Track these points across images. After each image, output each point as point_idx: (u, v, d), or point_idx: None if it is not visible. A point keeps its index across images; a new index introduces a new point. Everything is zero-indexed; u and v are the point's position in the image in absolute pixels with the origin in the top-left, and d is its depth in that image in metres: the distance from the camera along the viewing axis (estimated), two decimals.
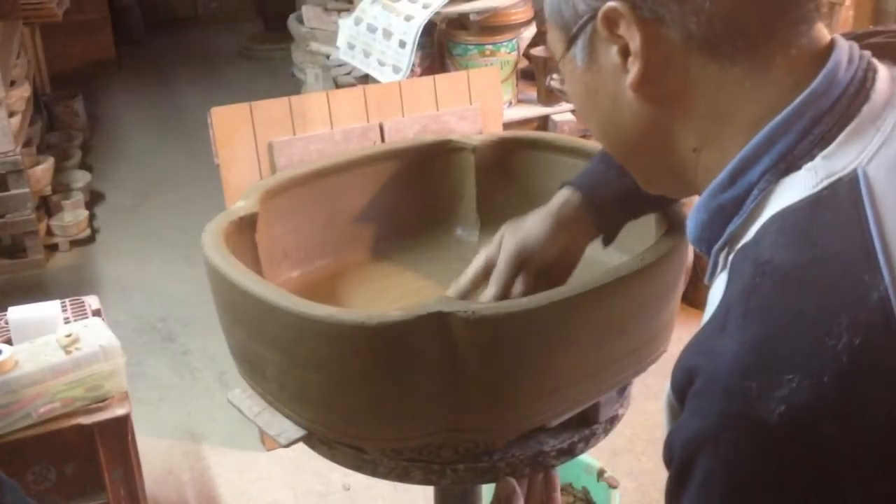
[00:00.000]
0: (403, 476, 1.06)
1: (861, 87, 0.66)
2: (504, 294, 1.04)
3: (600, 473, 2.09)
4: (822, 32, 0.69)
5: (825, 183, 0.63)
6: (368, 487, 2.35)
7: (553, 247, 1.05)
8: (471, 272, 1.08)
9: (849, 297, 0.58)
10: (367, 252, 1.38)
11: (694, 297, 3.13)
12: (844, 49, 0.68)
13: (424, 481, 1.07)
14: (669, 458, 0.66)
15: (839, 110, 0.65)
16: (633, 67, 0.70)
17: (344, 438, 1.06)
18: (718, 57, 0.67)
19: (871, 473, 0.56)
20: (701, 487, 0.61)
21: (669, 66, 0.69)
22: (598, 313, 1.00)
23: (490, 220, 1.39)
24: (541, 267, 1.05)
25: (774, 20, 0.66)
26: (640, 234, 1.15)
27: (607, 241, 1.11)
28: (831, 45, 0.68)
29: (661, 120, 0.72)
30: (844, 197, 0.62)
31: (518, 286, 1.04)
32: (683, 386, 0.64)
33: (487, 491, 1.22)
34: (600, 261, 1.18)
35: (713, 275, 0.73)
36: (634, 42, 0.69)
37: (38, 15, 4.47)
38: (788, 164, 0.65)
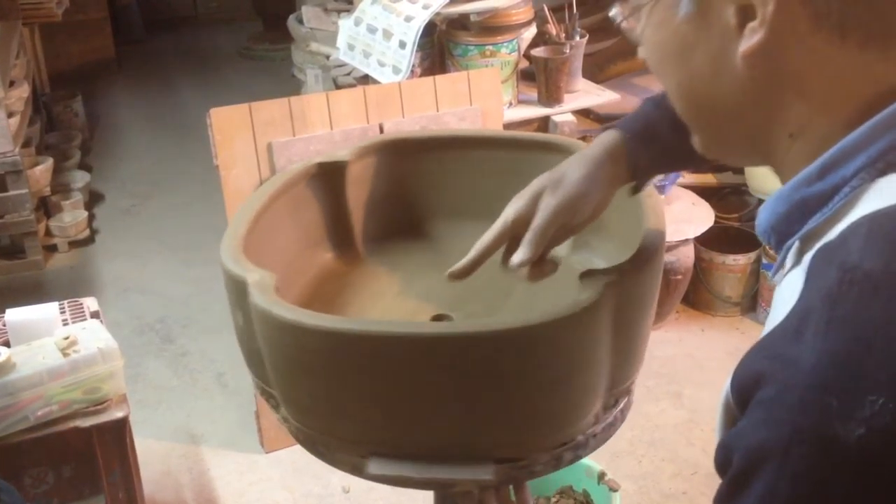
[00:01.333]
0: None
1: None
2: (540, 257, 1.03)
3: (601, 476, 2.08)
4: None
5: None
6: (368, 490, 2.34)
7: (591, 205, 1.03)
8: (498, 227, 1.05)
9: None
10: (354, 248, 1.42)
11: (695, 299, 3.13)
12: None
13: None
14: (725, 463, 0.60)
15: None
16: (754, 35, 0.63)
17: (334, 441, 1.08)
18: (848, 41, 0.62)
19: None
20: (759, 500, 0.57)
21: (794, 41, 0.62)
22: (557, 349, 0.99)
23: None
24: (578, 226, 1.03)
25: None
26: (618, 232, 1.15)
27: (636, 191, 1.09)
28: None
29: (765, 96, 0.66)
30: None
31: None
32: (748, 389, 0.59)
33: None
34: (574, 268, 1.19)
35: (779, 271, 0.69)
36: (766, 8, 0.62)
37: (37, 15, 4.46)
38: (887, 163, 0.60)
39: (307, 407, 1.07)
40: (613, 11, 0.76)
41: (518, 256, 1.02)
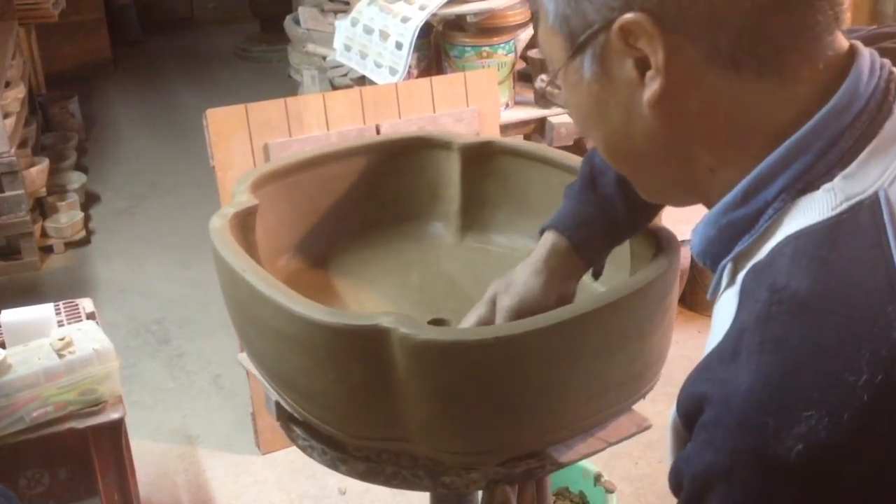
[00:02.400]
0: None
1: (883, 101, 0.63)
2: None
3: (597, 478, 2.08)
4: (841, 41, 0.65)
5: (845, 206, 0.60)
6: (364, 492, 2.34)
7: (550, 298, 1.05)
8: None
9: (870, 330, 0.55)
10: (342, 245, 1.40)
11: (692, 300, 3.13)
12: (866, 59, 0.65)
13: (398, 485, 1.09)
14: (677, 488, 0.63)
15: (860, 127, 0.62)
16: (653, 83, 0.65)
17: (319, 425, 1.09)
18: (744, 73, 0.63)
19: None
20: None
21: (692, 82, 0.65)
22: (553, 351, 0.99)
23: (471, 222, 1.42)
24: (513, 305, 1.05)
25: (803, 32, 0.63)
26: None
27: (597, 275, 1.12)
28: (852, 54, 0.65)
29: (677, 137, 0.68)
30: (865, 221, 0.59)
31: None
32: (691, 413, 0.61)
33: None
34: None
35: (717, 290, 0.71)
36: (656, 57, 0.64)
37: (33, 15, 4.45)
38: (806, 183, 0.62)
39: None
40: (538, 81, 0.79)
41: None
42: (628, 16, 0.64)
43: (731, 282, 0.67)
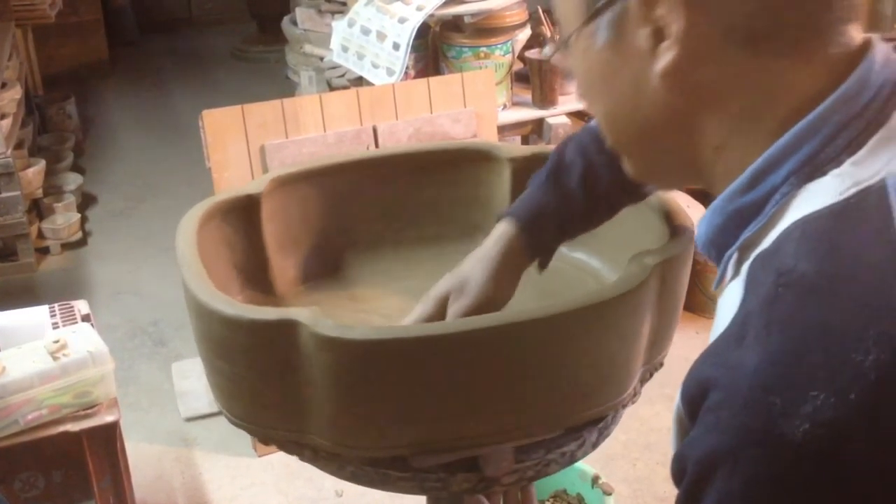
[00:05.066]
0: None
1: (893, 91, 0.63)
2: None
3: (595, 480, 2.08)
4: (857, 33, 0.66)
5: (853, 191, 0.60)
6: (361, 494, 2.33)
7: (503, 299, 1.07)
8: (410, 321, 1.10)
9: (877, 310, 0.55)
10: (382, 251, 1.39)
11: (691, 301, 3.12)
12: (881, 51, 0.65)
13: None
14: (680, 474, 0.62)
15: (870, 115, 0.62)
16: (668, 54, 0.65)
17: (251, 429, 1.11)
18: (760, 52, 0.64)
19: None
20: None
21: (706, 57, 0.65)
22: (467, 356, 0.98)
23: None
24: (470, 308, 1.06)
25: (819, 15, 0.63)
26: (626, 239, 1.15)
27: (542, 267, 1.12)
28: (867, 47, 0.65)
29: (686, 112, 0.68)
30: (873, 206, 0.59)
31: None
32: (696, 399, 0.61)
33: None
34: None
35: (722, 282, 0.70)
36: (675, 27, 0.64)
37: (30, 16, 4.44)
38: (814, 168, 0.62)
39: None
40: (545, 49, 0.78)
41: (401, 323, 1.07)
42: None
43: (736, 272, 0.67)
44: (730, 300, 0.65)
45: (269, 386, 1.01)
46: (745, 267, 0.65)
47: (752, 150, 0.65)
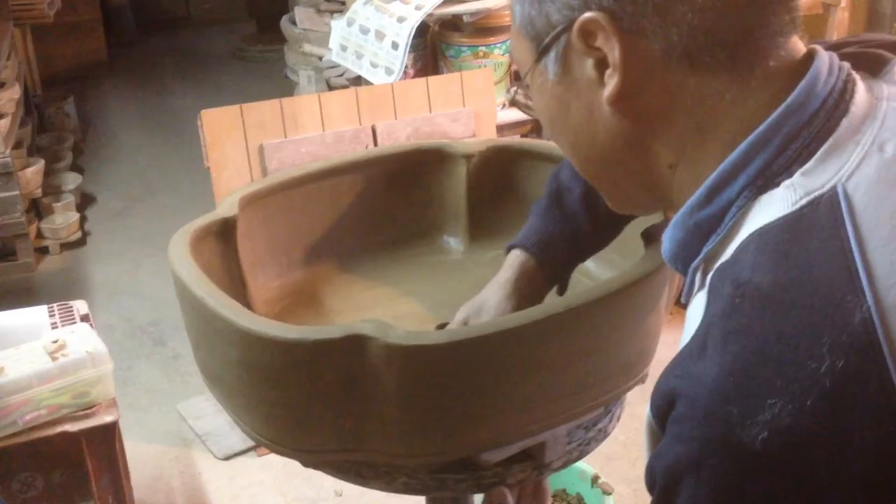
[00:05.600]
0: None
1: (840, 100, 0.64)
2: None
3: (594, 479, 2.08)
4: (799, 45, 0.67)
5: (805, 201, 0.61)
6: (361, 494, 2.32)
7: (503, 305, 1.07)
8: None
9: (831, 318, 0.56)
10: (349, 259, 1.36)
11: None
12: (825, 60, 0.66)
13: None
14: (651, 484, 0.64)
15: (818, 124, 0.63)
16: (611, 81, 0.67)
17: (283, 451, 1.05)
18: (699, 70, 0.65)
19: (856, 499, 0.55)
20: None
21: (648, 79, 0.67)
22: (535, 349, 0.97)
23: (480, 230, 1.38)
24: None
25: (755, 31, 0.65)
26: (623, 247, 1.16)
27: (562, 292, 1.13)
28: (811, 57, 0.67)
29: (637, 135, 0.70)
30: (825, 215, 0.60)
31: None
32: (663, 410, 0.62)
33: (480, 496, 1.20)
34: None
35: (690, 294, 0.72)
36: (613, 55, 0.66)
37: (29, 16, 4.44)
38: (766, 180, 0.63)
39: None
40: (511, 91, 0.80)
41: None
42: (587, 15, 0.66)
43: (702, 284, 0.68)
44: (696, 311, 0.66)
45: (329, 407, 0.96)
46: (709, 278, 0.66)
47: (706, 165, 0.67)
